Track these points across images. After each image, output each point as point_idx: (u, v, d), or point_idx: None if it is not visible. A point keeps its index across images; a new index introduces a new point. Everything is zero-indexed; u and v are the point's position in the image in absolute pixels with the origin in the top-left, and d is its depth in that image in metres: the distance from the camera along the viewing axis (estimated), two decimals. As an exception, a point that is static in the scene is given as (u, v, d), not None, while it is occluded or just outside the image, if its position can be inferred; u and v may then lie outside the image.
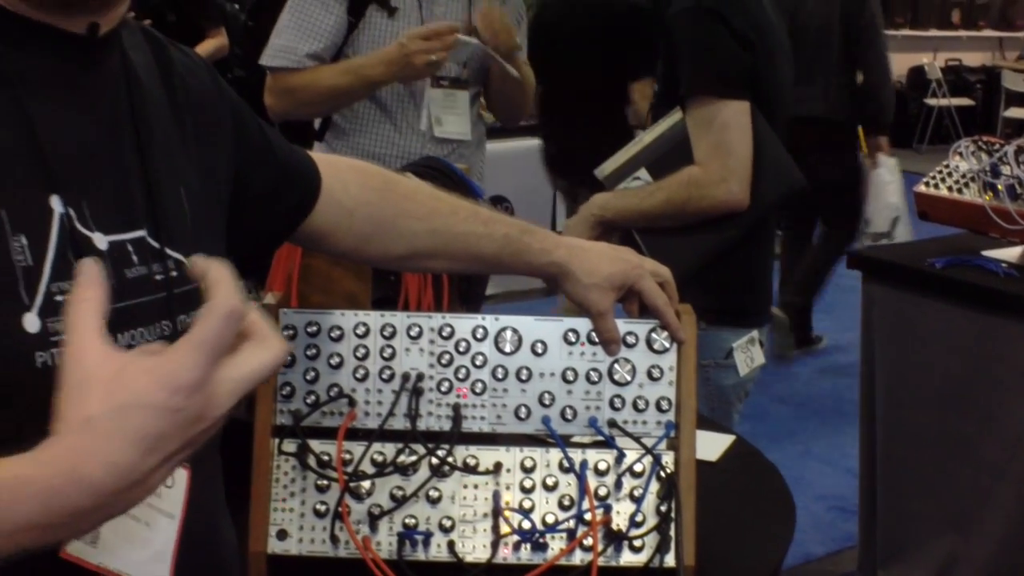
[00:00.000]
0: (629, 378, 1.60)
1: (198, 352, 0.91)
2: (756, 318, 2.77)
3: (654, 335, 1.61)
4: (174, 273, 1.21)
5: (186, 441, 0.92)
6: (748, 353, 2.67)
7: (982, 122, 12.60)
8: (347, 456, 1.58)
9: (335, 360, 1.60)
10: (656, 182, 2.63)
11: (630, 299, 1.65)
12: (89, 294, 0.91)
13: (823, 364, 6.19)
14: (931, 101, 12.73)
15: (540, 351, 1.61)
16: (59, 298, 1.05)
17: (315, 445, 1.59)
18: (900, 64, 11.42)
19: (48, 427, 0.93)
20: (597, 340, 1.61)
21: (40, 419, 0.96)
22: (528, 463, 1.59)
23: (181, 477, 1.22)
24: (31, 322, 1.04)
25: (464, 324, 1.61)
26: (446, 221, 1.62)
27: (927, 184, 3.38)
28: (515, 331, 1.61)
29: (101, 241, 1.13)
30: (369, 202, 1.58)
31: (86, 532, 0.99)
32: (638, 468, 1.58)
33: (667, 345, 1.60)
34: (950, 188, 3.30)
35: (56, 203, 1.08)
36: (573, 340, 1.61)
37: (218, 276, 0.94)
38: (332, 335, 1.61)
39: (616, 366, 1.60)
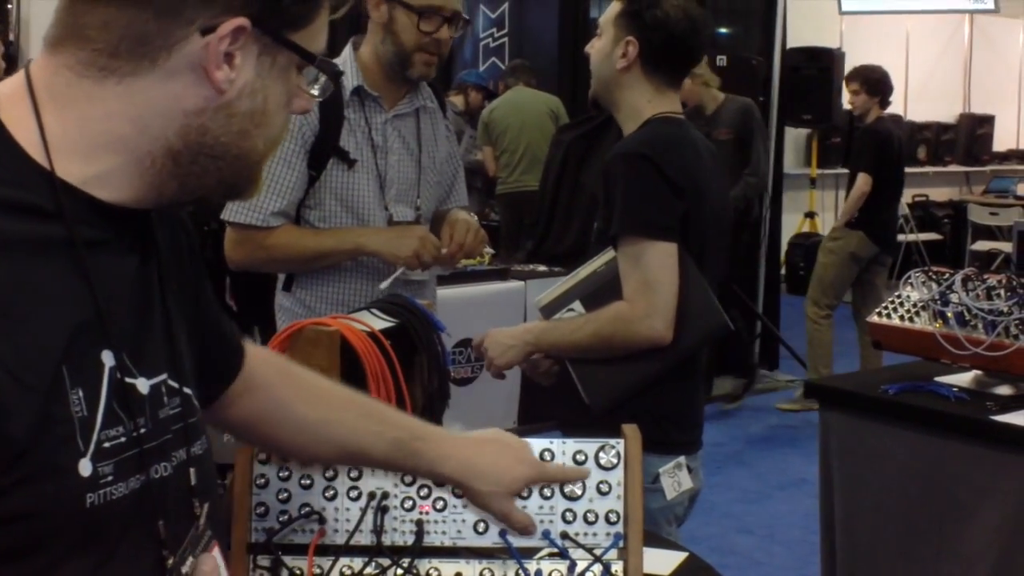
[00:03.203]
0: (580, 493, 1.72)
1: None
2: (683, 446, 2.84)
3: (602, 453, 1.73)
4: (185, 407, 1.33)
5: None
6: (675, 478, 2.75)
7: (951, 256, 12.79)
8: (317, 571, 1.69)
9: (306, 481, 1.72)
10: (587, 315, 2.77)
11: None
12: None
13: (791, 494, 6.27)
14: (900, 237, 12.95)
15: (497, 469, 1.72)
16: (107, 445, 1.17)
17: (288, 560, 1.70)
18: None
19: (86, 558, 1.16)
20: (549, 457, 1.73)
21: (80, 551, 1.16)
22: (487, 574, 1.70)
23: None
24: (85, 467, 1.15)
25: (426, 446, 1.73)
26: (339, 414, 1.68)
27: (879, 314, 3.52)
28: (474, 451, 1.73)
29: (144, 386, 1.25)
30: (272, 384, 1.65)
31: None
32: (588, 576, 1.70)
33: (615, 462, 1.72)
34: (902, 317, 3.44)
35: (107, 357, 1.19)
36: (528, 459, 1.73)
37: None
38: (304, 458, 1.72)
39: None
